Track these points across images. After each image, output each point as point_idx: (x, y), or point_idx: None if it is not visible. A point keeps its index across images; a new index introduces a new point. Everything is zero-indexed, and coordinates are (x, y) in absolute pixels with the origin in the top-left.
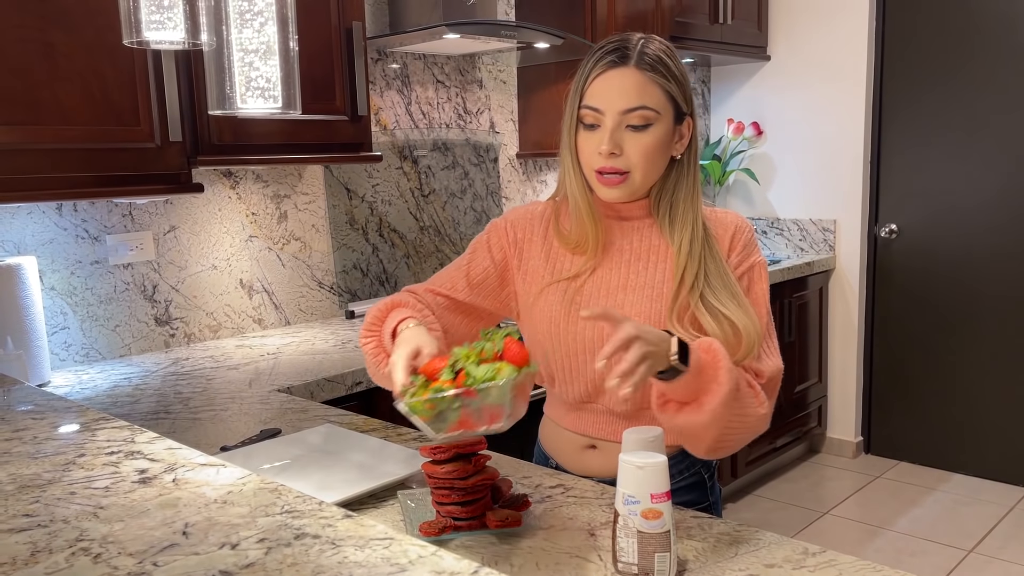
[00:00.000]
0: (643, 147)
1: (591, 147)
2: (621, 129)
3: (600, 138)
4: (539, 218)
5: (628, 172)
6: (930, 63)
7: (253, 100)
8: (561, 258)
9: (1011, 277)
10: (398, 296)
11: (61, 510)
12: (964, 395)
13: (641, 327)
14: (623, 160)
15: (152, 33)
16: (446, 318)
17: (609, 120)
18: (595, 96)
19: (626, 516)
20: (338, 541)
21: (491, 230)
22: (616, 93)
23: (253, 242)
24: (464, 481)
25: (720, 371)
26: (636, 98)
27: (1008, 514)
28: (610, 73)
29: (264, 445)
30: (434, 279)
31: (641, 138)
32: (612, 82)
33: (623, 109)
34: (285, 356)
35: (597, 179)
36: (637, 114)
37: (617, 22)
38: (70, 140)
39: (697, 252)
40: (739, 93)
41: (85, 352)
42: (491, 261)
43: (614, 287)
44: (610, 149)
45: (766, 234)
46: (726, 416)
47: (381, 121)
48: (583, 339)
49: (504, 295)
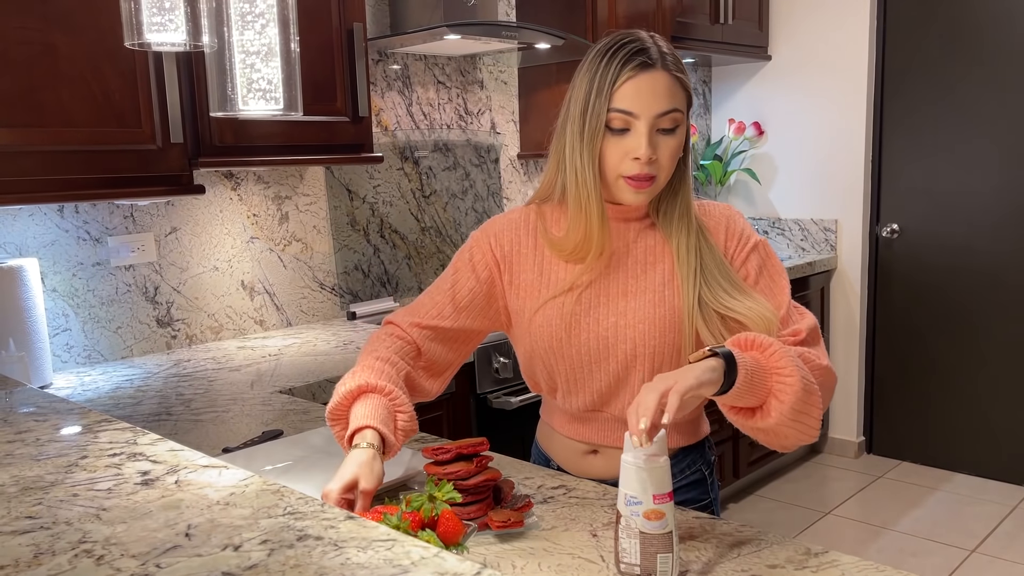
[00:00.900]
0: (672, 150)
1: (621, 152)
2: (654, 133)
3: (634, 143)
4: (524, 226)
5: (655, 176)
6: (931, 63)
7: (254, 102)
8: (555, 268)
9: (1013, 276)
10: (369, 361)
11: (64, 512)
12: (966, 395)
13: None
14: (655, 165)
15: (153, 35)
16: (432, 349)
17: (643, 125)
18: (627, 99)
19: (628, 517)
20: (340, 542)
21: (473, 247)
22: (650, 97)
23: (254, 243)
24: (466, 482)
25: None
26: (668, 101)
27: (1011, 514)
28: (642, 76)
29: (266, 447)
30: (418, 307)
31: (670, 141)
32: (644, 85)
33: (658, 113)
34: (287, 357)
35: (627, 184)
36: (669, 117)
37: (618, 22)
38: (72, 142)
39: (694, 246)
40: (740, 93)
41: (87, 354)
42: (476, 280)
43: (615, 294)
44: (650, 155)
45: (767, 234)
46: (803, 394)
47: (382, 122)
48: (588, 350)
49: (492, 312)
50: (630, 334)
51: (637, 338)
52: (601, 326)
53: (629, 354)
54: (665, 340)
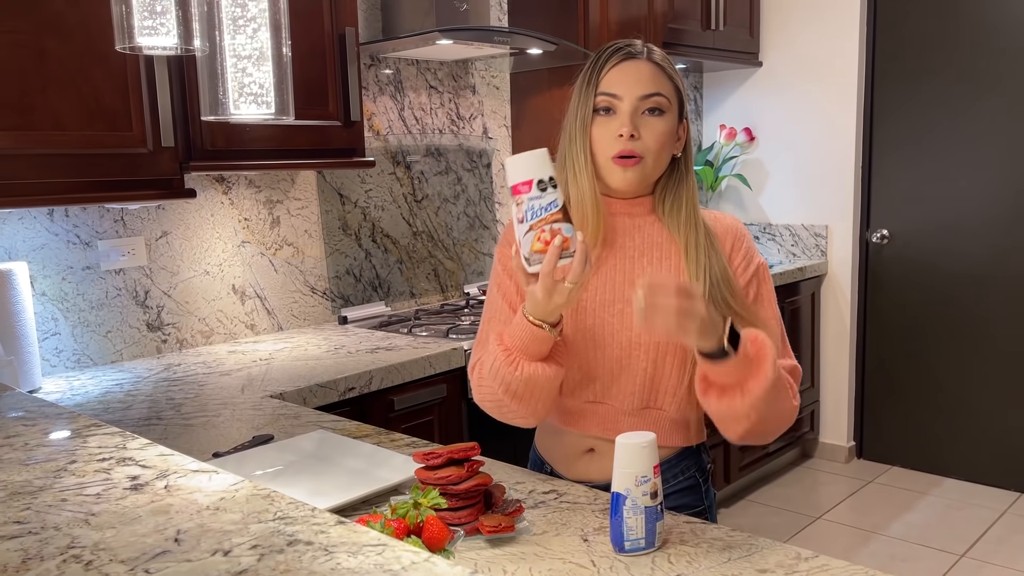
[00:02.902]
0: (657, 133)
1: (609, 132)
2: (638, 114)
3: (618, 122)
4: None
5: (643, 156)
6: (921, 69)
7: (246, 106)
8: None
9: (1002, 282)
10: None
11: (52, 517)
12: (956, 400)
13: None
14: (640, 144)
15: (145, 39)
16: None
17: (627, 104)
18: (612, 83)
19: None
20: (331, 547)
21: (499, 259)
22: (633, 79)
23: (246, 247)
24: (457, 487)
25: (766, 361)
26: (652, 85)
27: (1000, 518)
28: (626, 63)
29: (257, 451)
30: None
31: (656, 123)
32: (628, 70)
33: (641, 95)
34: (278, 362)
35: (613, 163)
36: (653, 99)
37: (610, 28)
38: (62, 145)
39: (703, 244)
40: (731, 99)
41: (76, 358)
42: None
43: (619, 282)
44: (630, 130)
45: (759, 239)
46: (765, 405)
47: (374, 126)
48: (592, 336)
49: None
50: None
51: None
52: (607, 311)
53: (633, 341)
54: None
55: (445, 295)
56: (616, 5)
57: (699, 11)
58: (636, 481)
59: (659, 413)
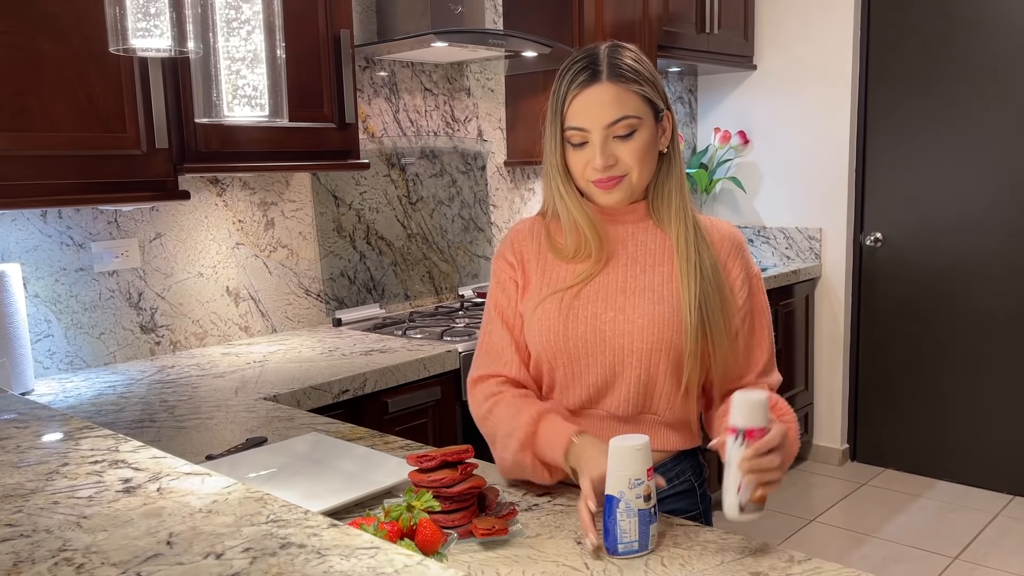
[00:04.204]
0: (634, 152)
1: (583, 163)
2: (609, 141)
3: (591, 153)
4: (529, 234)
5: (625, 175)
6: (915, 73)
7: (240, 108)
8: (557, 269)
9: (995, 284)
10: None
11: (44, 520)
12: (949, 402)
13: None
14: (619, 166)
15: (139, 41)
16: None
17: (596, 136)
18: (577, 116)
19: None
20: (324, 550)
21: (495, 270)
22: (596, 109)
23: (240, 249)
24: (451, 489)
25: (792, 454)
26: (617, 110)
27: (993, 521)
28: (586, 92)
29: (250, 454)
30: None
31: (630, 144)
32: (590, 99)
33: (607, 123)
34: (271, 364)
35: (596, 187)
36: (622, 124)
37: (605, 31)
38: (56, 147)
39: (693, 241)
40: (726, 102)
41: (69, 360)
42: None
43: (613, 291)
44: (604, 163)
45: (753, 242)
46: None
47: (369, 129)
48: (584, 342)
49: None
50: (627, 328)
51: (634, 332)
52: (599, 319)
53: (626, 348)
54: (662, 337)
55: (439, 297)
56: (611, 8)
57: (694, 14)
58: (630, 484)
59: (654, 418)
